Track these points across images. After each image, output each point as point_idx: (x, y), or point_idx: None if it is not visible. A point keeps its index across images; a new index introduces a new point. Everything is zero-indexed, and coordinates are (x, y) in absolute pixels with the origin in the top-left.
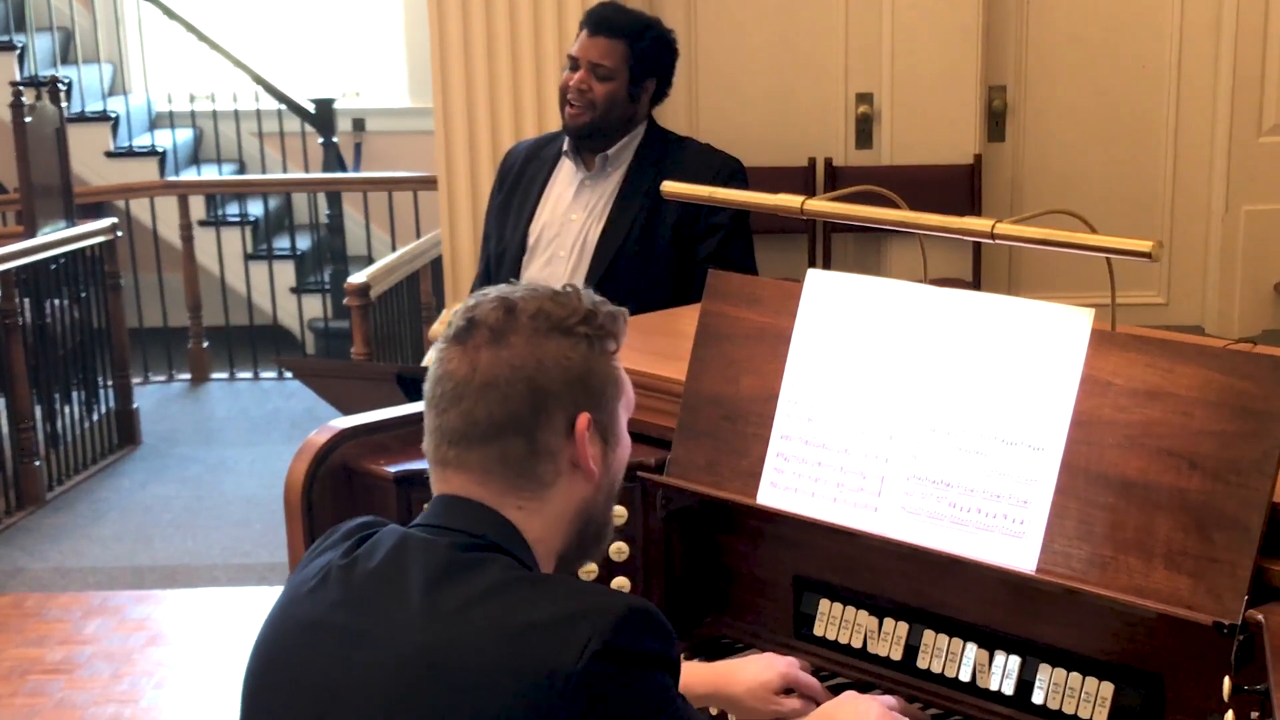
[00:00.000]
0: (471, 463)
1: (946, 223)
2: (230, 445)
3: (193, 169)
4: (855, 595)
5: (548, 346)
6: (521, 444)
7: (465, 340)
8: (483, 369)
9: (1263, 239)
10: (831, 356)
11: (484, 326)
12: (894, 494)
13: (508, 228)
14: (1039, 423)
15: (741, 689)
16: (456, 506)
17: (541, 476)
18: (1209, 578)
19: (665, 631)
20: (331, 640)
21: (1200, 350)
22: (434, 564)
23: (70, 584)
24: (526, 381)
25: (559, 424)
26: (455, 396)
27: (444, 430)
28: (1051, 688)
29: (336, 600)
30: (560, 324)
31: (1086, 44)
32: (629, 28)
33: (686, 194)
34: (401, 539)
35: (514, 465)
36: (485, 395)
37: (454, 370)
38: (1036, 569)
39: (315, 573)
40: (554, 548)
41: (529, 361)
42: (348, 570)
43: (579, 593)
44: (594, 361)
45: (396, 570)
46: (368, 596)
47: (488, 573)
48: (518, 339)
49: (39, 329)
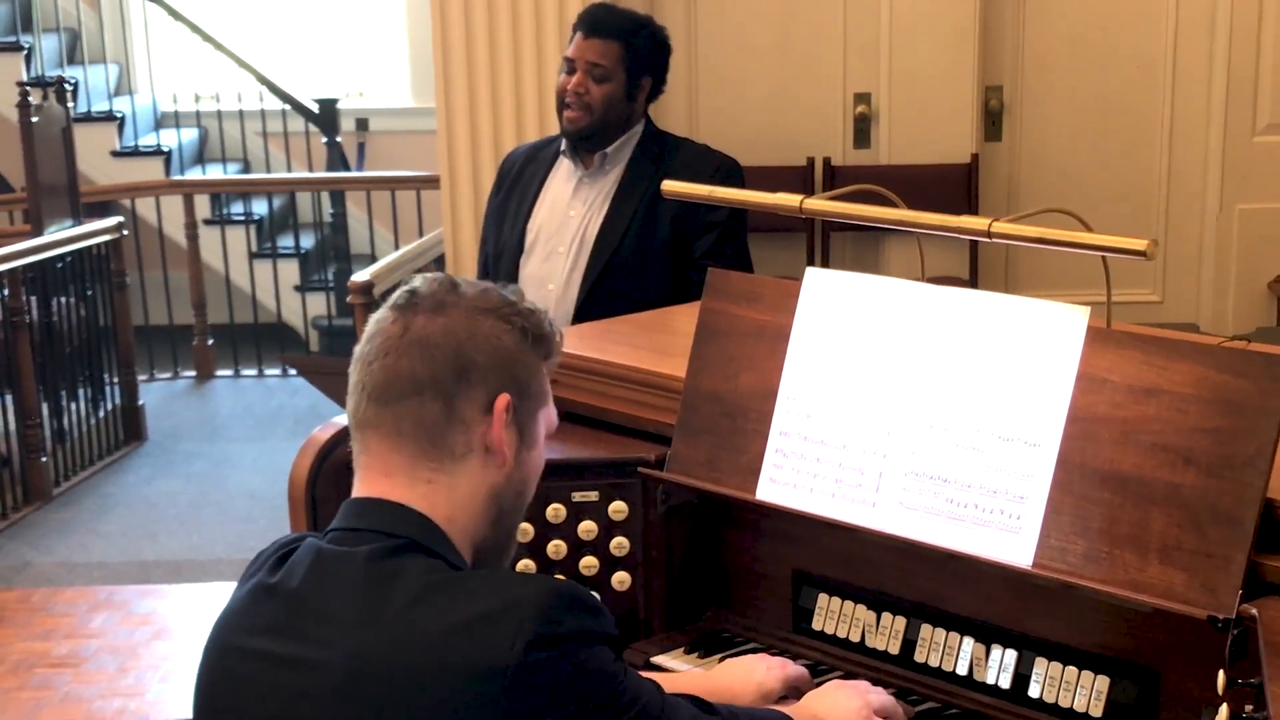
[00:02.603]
0: (387, 421)
1: (944, 221)
2: (235, 441)
3: (198, 168)
4: (853, 590)
5: (484, 323)
6: (439, 407)
7: (403, 308)
8: (415, 328)
9: (1257, 237)
10: (830, 354)
11: (426, 297)
12: (892, 489)
13: (505, 227)
14: (1035, 419)
15: (748, 700)
16: (369, 508)
17: (453, 446)
18: (1204, 572)
19: (592, 607)
20: (268, 671)
21: (1195, 347)
22: (352, 578)
23: (76, 578)
24: (455, 346)
25: (479, 397)
26: (381, 351)
27: (366, 385)
28: (1048, 681)
29: (266, 626)
30: (500, 309)
31: (1082, 44)
32: (623, 27)
33: (687, 193)
34: (317, 555)
35: (428, 429)
36: (411, 351)
37: (385, 329)
38: (1033, 564)
39: (245, 595)
40: (468, 532)
41: (462, 330)
42: (272, 592)
43: (501, 585)
44: (525, 355)
45: (317, 591)
46: (295, 623)
47: (408, 579)
48: (456, 311)
49: (46, 327)
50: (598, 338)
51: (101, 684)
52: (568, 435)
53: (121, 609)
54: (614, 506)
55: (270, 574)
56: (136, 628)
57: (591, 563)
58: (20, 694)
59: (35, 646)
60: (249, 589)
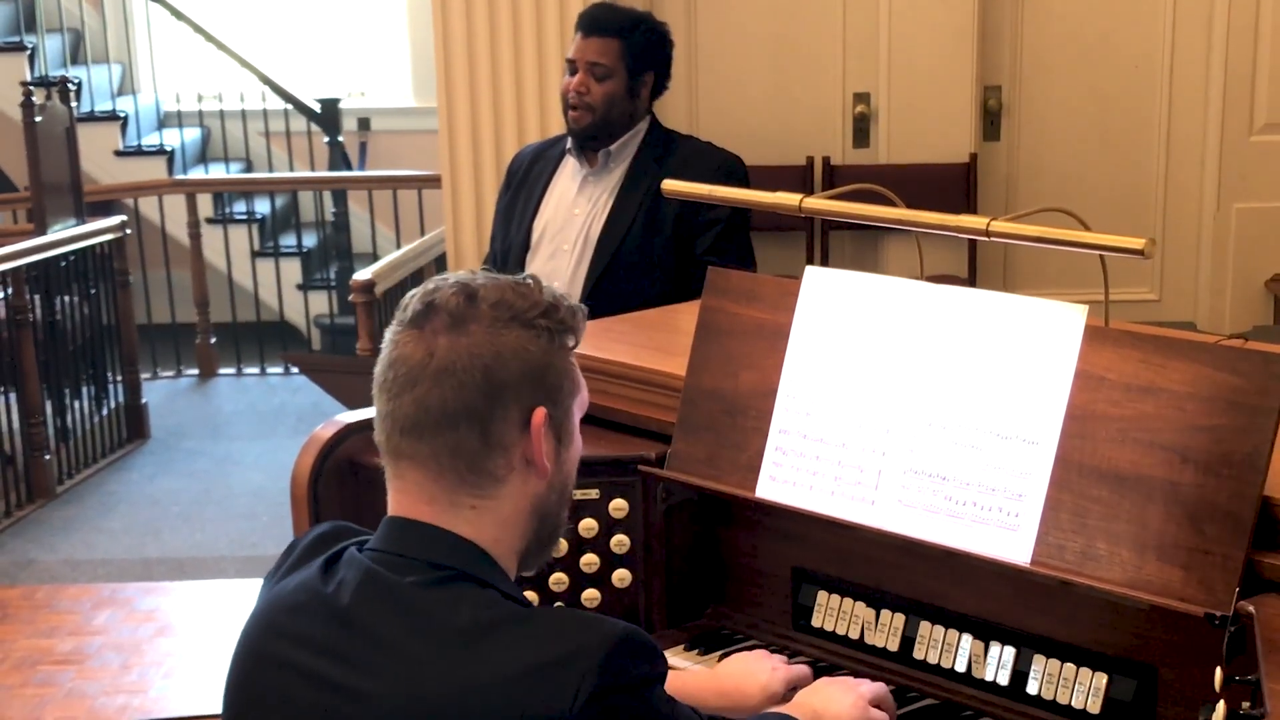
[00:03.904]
0: (424, 453)
1: (943, 220)
2: (237, 439)
3: (200, 168)
4: (853, 587)
5: (507, 337)
6: (475, 435)
7: (422, 324)
8: (439, 355)
9: (1254, 236)
10: (829, 352)
11: (443, 311)
12: (891, 487)
13: (512, 225)
14: (1034, 417)
15: (754, 702)
16: (414, 532)
17: (494, 471)
18: (1201, 570)
19: (651, 650)
20: (311, 690)
21: (1192, 346)
22: (406, 607)
23: (80, 576)
24: (483, 371)
25: (514, 416)
26: (409, 381)
27: (396, 417)
28: (1046, 678)
29: (312, 640)
30: (521, 315)
31: (1080, 44)
32: (621, 24)
33: (687, 192)
34: (367, 576)
35: (466, 457)
36: (440, 382)
37: (409, 354)
38: (1031, 561)
39: (290, 598)
40: (513, 547)
41: (487, 350)
42: (323, 603)
43: (563, 630)
44: (553, 356)
45: (369, 614)
46: (344, 645)
47: (464, 614)
48: (477, 327)
49: (49, 325)
50: (598, 336)
51: (105, 681)
52: None
53: (125, 606)
54: (615, 504)
55: (322, 580)
56: (140, 625)
57: (592, 560)
58: (24, 690)
59: (39, 643)
60: (294, 589)
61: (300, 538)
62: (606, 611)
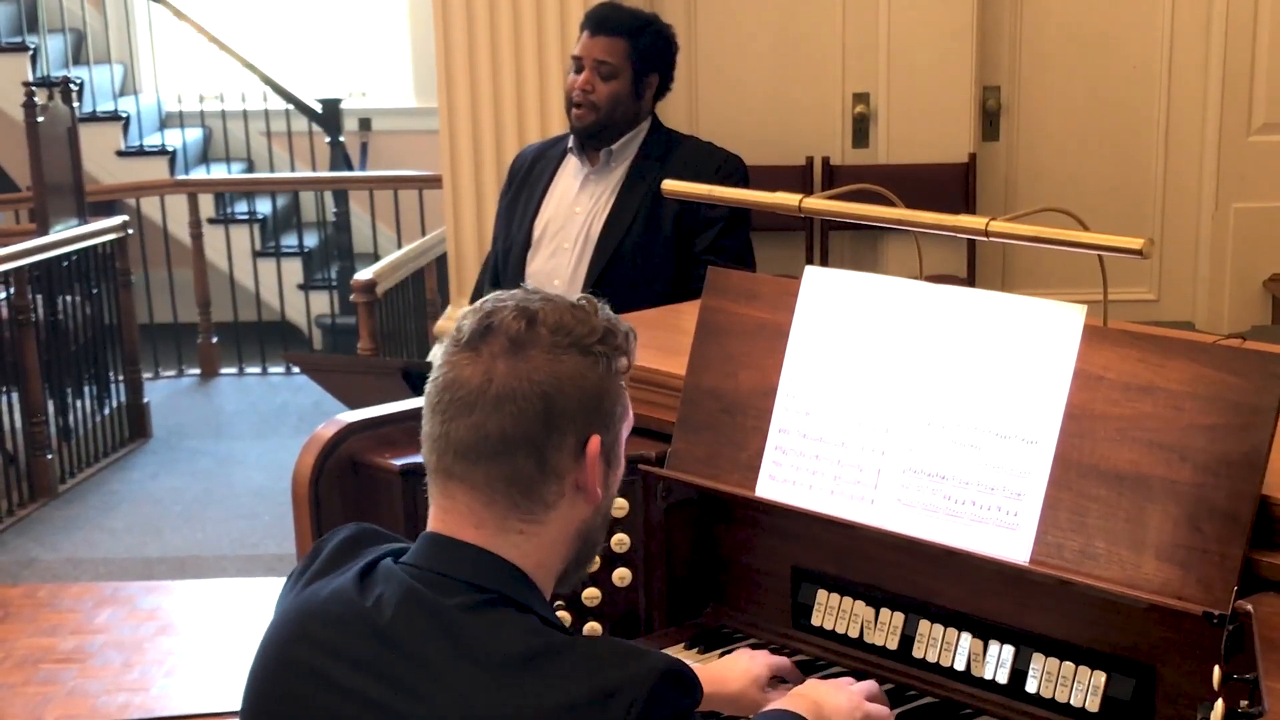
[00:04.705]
0: (478, 478)
1: (942, 220)
2: (239, 439)
3: (202, 168)
4: (852, 586)
5: (566, 363)
6: (531, 463)
7: (480, 347)
8: (499, 380)
9: (1252, 236)
10: (829, 351)
11: (502, 334)
12: (890, 486)
13: (514, 223)
14: (1033, 416)
15: (736, 686)
16: (457, 552)
17: (545, 497)
18: (1199, 569)
19: (693, 684)
20: (350, 708)
21: (1191, 345)
22: (450, 631)
23: (82, 574)
24: (543, 398)
25: (570, 444)
26: (466, 406)
27: (450, 439)
28: (1044, 677)
29: (350, 655)
30: (580, 341)
31: (1079, 44)
32: (629, 25)
33: (687, 193)
34: (408, 593)
35: (520, 484)
36: (500, 408)
37: (466, 378)
38: (1030, 560)
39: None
40: (554, 570)
41: (547, 377)
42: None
43: (609, 661)
44: (608, 382)
45: (411, 634)
46: (386, 665)
47: (509, 641)
48: (537, 352)
49: (51, 325)
50: None
51: (106, 679)
52: None
53: (126, 605)
54: (615, 503)
55: (359, 592)
56: (141, 623)
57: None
58: (26, 689)
59: (41, 642)
60: (328, 598)
61: (326, 538)
62: (606, 609)
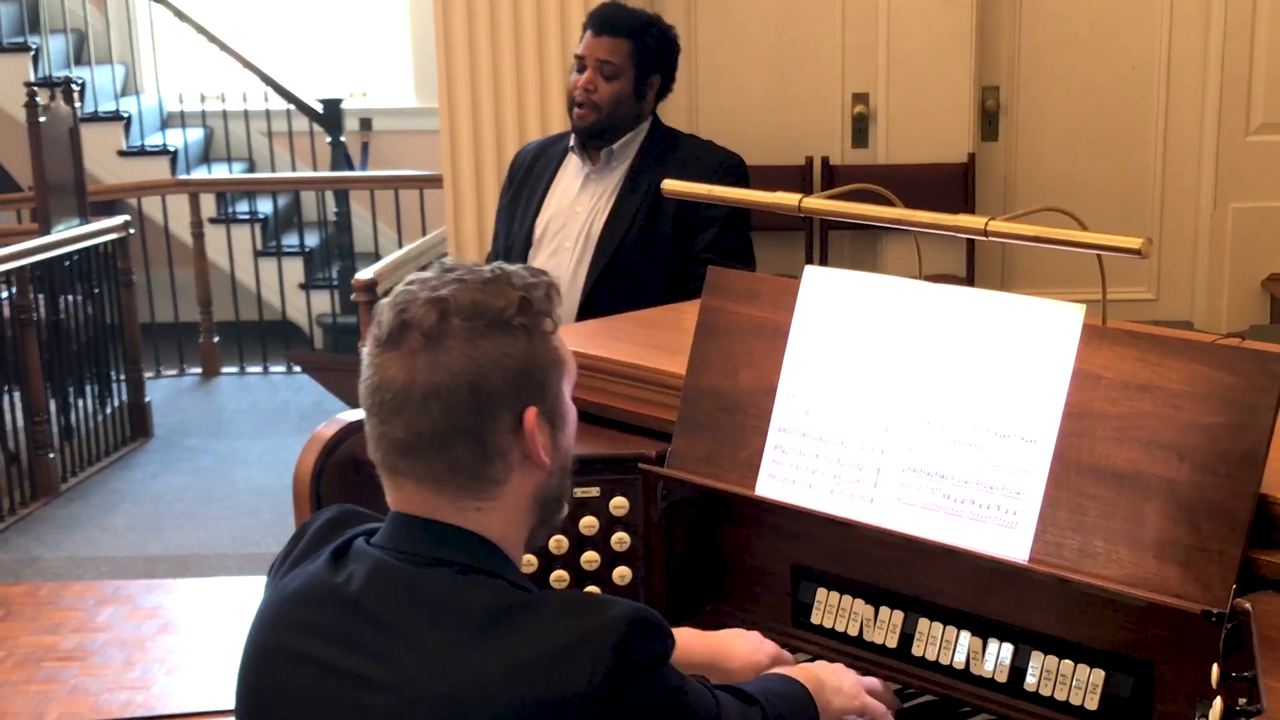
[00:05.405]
0: (422, 472)
1: (941, 220)
2: (240, 437)
3: (203, 168)
4: (852, 584)
5: (486, 347)
6: (470, 449)
7: (399, 344)
8: (421, 378)
9: (1250, 236)
10: (828, 351)
11: (417, 330)
12: (889, 485)
13: (515, 222)
14: (1032, 415)
15: (736, 665)
16: (419, 528)
17: (494, 476)
18: (1198, 567)
19: (663, 630)
20: (325, 680)
21: (1189, 345)
22: (418, 598)
23: (83, 573)
24: (468, 388)
25: (506, 422)
26: (396, 408)
27: (390, 440)
28: (1044, 675)
29: (323, 631)
30: (496, 319)
31: (1078, 44)
32: (632, 25)
33: (686, 192)
34: (378, 566)
35: (465, 470)
36: (428, 407)
37: (391, 379)
38: (1029, 559)
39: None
40: (520, 535)
41: (469, 366)
42: (333, 593)
43: (575, 613)
44: (534, 352)
45: (380, 604)
46: (357, 635)
47: (477, 603)
48: (454, 343)
49: (53, 324)
50: (599, 335)
51: (108, 677)
52: None
53: (128, 603)
54: (615, 502)
55: (330, 571)
56: (143, 622)
57: (593, 558)
58: (28, 687)
59: (43, 640)
60: (303, 581)
61: (308, 523)
62: None
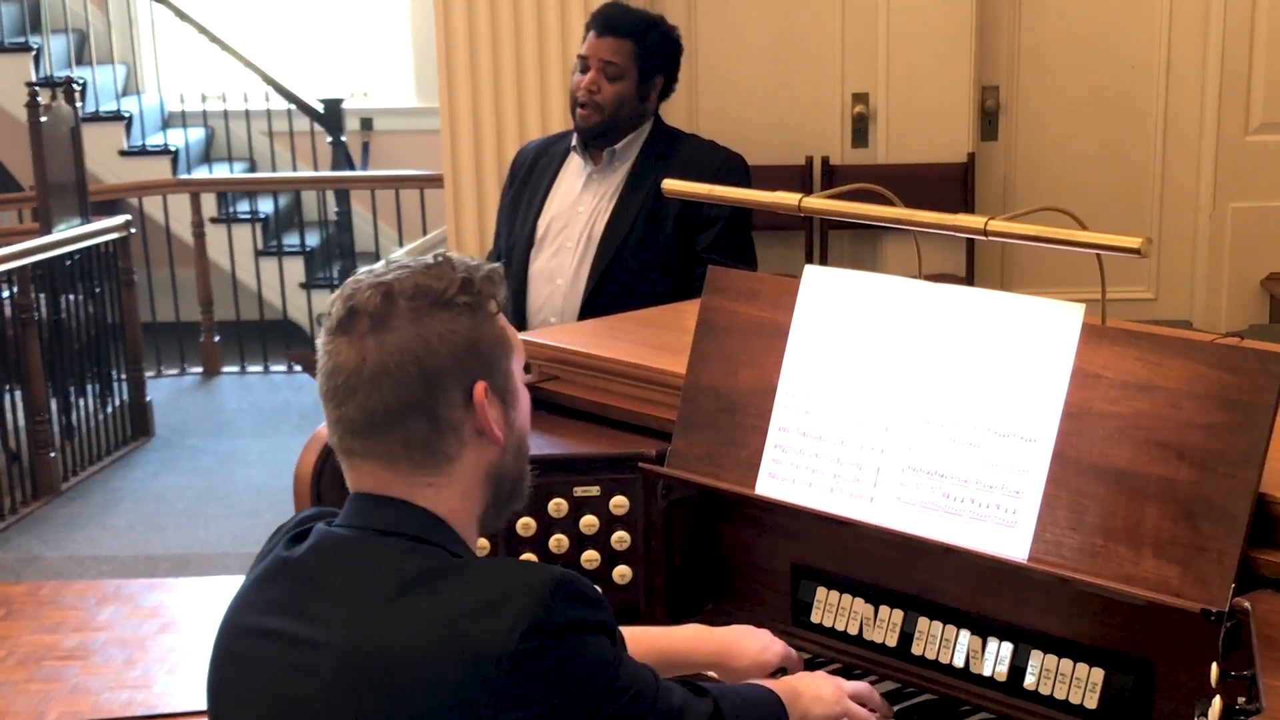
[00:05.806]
0: (377, 450)
1: (941, 220)
2: (241, 437)
3: (204, 167)
4: (851, 583)
5: (431, 324)
6: (423, 424)
7: (349, 329)
8: (370, 358)
9: (1249, 235)
10: (828, 350)
11: (364, 314)
12: (889, 484)
13: (517, 222)
14: (1031, 415)
15: (745, 662)
16: (372, 505)
17: (447, 450)
18: (1197, 566)
19: (592, 598)
20: (273, 648)
21: (1189, 344)
22: (356, 564)
23: (84, 572)
24: (416, 364)
25: (456, 397)
26: (349, 389)
27: (344, 422)
28: (1043, 673)
29: (274, 604)
30: (439, 298)
31: (1077, 44)
32: (635, 26)
33: (687, 192)
34: (323, 538)
35: (418, 445)
36: (378, 384)
37: (343, 362)
38: (1028, 558)
39: (259, 575)
40: (473, 514)
41: (415, 343)
42: (283, 569)
43: (502, 574)
44: (479, 329)
45: (321, 572)
46: (300, 602)
47: (409, 566)
48: (400, 323)
49: (54, 324)
50: (599, 334)
51: (109, 676)
52: (570, 431)
53: (129, 602)
54: (615, 501)
55: (286, 551)
56: (144, 621)
57: (593, 557)
58: (29, 686)
59: (44, 639)
60: (261, 569)
61: (286, 522)
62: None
